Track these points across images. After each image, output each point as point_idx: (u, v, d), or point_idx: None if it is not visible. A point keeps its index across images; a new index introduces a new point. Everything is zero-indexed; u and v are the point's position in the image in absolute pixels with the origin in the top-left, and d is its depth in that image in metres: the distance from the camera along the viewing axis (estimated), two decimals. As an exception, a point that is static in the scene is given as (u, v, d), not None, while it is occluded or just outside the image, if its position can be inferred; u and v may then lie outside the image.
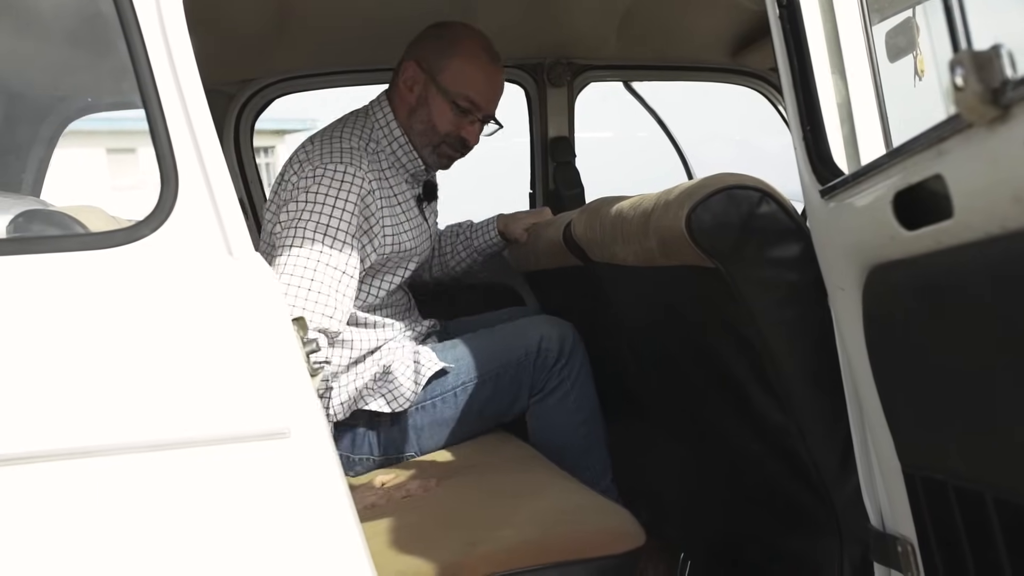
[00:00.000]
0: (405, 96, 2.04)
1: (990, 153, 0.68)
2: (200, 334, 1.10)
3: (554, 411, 2.03)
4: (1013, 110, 0.64)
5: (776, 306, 1.35)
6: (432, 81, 2.02)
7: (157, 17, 1.15)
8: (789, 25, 1.20)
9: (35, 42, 1.71)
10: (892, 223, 0.92)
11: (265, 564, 1.07)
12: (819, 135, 1.18)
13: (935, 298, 0.88)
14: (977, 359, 0.83)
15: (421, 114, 2.03)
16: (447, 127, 2.05)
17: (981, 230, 0.73)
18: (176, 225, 1.13)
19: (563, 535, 1.42)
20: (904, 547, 1.17)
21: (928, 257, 0.86)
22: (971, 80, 0.65)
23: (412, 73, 2.02)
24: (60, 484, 1.03)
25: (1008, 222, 0.69)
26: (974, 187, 0.72)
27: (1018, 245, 0.69)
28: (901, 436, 1.09)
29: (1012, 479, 0.84)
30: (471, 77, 2.04)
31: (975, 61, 0.64)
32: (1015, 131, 0.64)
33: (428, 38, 2.07)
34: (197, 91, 1.16)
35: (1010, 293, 0.73)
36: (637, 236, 1.57)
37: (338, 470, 1.12)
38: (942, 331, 0.89)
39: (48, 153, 2.11)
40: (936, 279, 0.86)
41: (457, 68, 2.03)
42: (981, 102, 0.65)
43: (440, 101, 2.03)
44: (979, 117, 0.66)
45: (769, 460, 1.55)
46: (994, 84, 0.64)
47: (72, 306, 1.08)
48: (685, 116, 3.13)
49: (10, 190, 2.05)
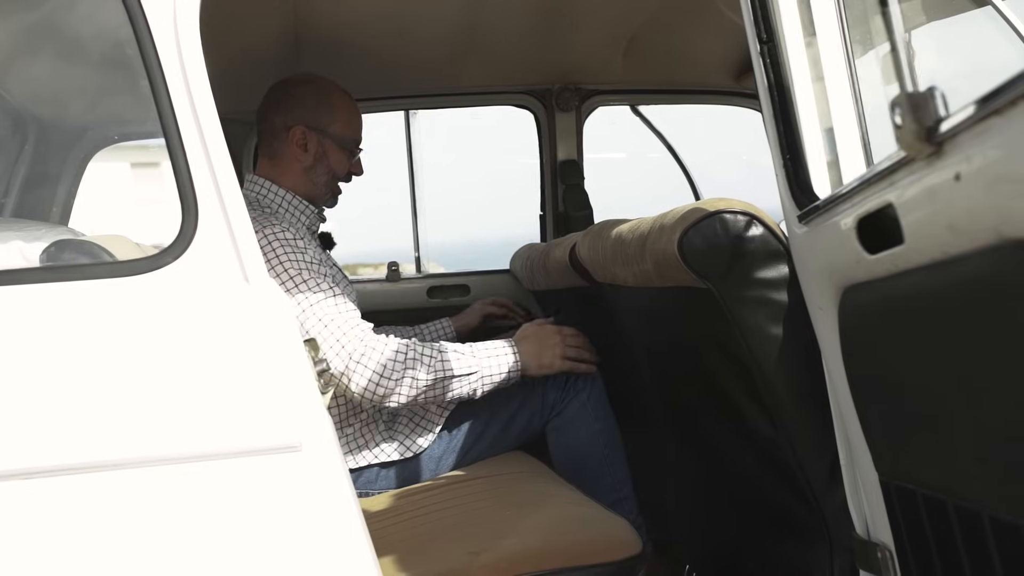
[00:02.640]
0: (299, 157, 2.13)
1: (928, 185, 0.75)
2: (218, 355, 1.18)
3: (574, 422, 2.09)
4: (945, 147, 0.70)
5: (765, 324, 1.41)
6: (325, 136, 2.14)
7: (176, 51, 1.23)
8: (769, 59, 1.27)
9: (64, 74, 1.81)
10: (856, 247, 0.98)
11: (276, 574, 1.14)
12: (799, 162, 1.24)
13: (894, 319, 0.94)
14: (929, 376, 0.89)
15: (320, 168, 2.15)
16: (344, 170, 2.19)
17: (927, 255, 0.80)
18: (196, 254, 1.21)
19: (563, 543, 1.48)
20: (883, 553, 1.23)
21: (886, 280, 0.92)
22: (907, 119, 0.72)
23: (302, 135, 2.12)
24: (85, 496, 1.11)
25: (948, 248, 0.75)
26: (918, 216, 0.79)
27: (958, 270, 0.75)
28: (876, 448, 1.15)
29: (964, 488, 0.90)
30: (354, 122, 2.20)
31: (911, 102, 0.71)
32: (947, 166, 0.70)
33: (300, 99, 2.17)
34: (214, 123, 1.24)
35: (953, 316, 0.79)
36: (635, 258, 1.64)
37: (347, 483, 1.19)
38: (901, 349, 0.95)
39: (76, 181, 2.21)
40: (894, 301, 0.92)
41: (344, 119, 2.17)
42: (917, 139, 0.72)
43: (336, 151, 2.15)
44: (917, 152, 0.73)
45: (762, 472, 1.61)
46: (928, 123, 0.71)
47: (101, 330, 1.17)
48: (695, 137, 3.20)
49: (40, 217, 2.15)
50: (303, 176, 2.13)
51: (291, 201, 2.12)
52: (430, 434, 2.05)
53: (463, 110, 3.03)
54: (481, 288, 2.98)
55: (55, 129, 2.16)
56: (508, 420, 2.10)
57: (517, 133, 2.33)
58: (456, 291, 3.00)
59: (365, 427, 2.04)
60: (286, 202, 2.11)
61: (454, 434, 2.07)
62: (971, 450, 0.85)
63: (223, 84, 2.25)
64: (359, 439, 2.03)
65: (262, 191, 2.11)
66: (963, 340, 0.79)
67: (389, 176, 2.87)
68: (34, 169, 2.09)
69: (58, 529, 1.10)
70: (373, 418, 2.05)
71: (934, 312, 0.83)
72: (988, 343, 0.74)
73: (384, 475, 2.04)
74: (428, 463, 2.05)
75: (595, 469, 2.04)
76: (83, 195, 2.19)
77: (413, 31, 2.44)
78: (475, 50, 2.61)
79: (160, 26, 1.25)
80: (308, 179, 2.14)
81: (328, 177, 2.15)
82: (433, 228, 3.22)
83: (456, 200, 50.30)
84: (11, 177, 2.08)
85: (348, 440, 2.02)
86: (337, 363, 1.80)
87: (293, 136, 2.11)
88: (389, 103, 2.84)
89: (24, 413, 1.11)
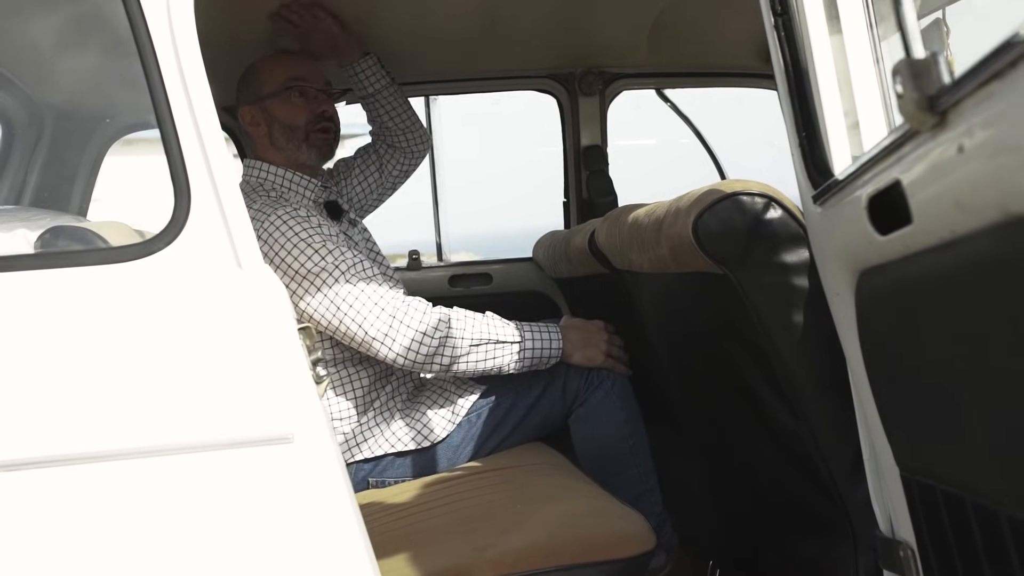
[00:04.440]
0: (260, 135, 2.13)
1: (933, 159, 0.69)
2: (209, 342, 1.15)
3: (597, 413, 2.05)
4: (948, 116, 0.64)
5: (784, 311, 1.35)
6: (261, 99, 2.12)
7: (171, 40, 1.21)
8: (784, 33, 1.21)
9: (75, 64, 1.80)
10: (868, 228, 0.92)
11: (268, 567, 1.11)
12: (815, 141, 1.18)
13: (907, 303, 0.88)
14: (942, 366, 0.83)
15: (278, 128, 2.11)
16: (302, 116, 2.12)
17: (936, 235, 0.74)
18: (189, 239, 1.19)
19: (572, 538, 1.44)
20: (905, 552, 1.17)
21: (899, 263, 0.86)
22: (908, 88, 0.66)
23: (247, 112, 2.13)
24: (72, 487, 1.08)
25: (956, 227, 0.69)
26: (925, 193, 0.73)
27: (966, 251, 0.69)
28: (896, 441, 1.09)
29: (982, 485, 0.84)
30: (278, 67, 2.15)
31: (912, 69, 0.65)
32: (951, 138, 0.64)
33: (238, 89, 2.19)
34: (209, 109, 1.21)
35: (963, 300, 0.73)
36: (651, 243, 1.59)
37: (342, 476, 1.15)
38: (915, 337, 0.89)
39: (95, 171, 2.20)
40: (906, 285, 0.86)
41: (265, 72, 2.14)
42: (919, 109, 0.66)
43: (276, 104, 2.11)
44: (920, 124, 0.67)
45: (783, 465, 1.55)
46: (930, 91, 0.65)
47: (91, 317, 1.14)
48: (723, 122, 3.14)
49: (58, 208, 2.15)
50: (273, 149, 2.12)
51: (291, 178, 2.10)
52: (448, 423, 2.01)
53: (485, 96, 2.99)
54: (503, 276, 2.94)
55: (70, 119, 2.15)
56: (528, 409, 2.05)
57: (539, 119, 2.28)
58: (478, 279, 2.95)
59: (381, 415, 2.01)
60: (287, 180, 2.10)
61: (473, 423, 2.03)
62: (986, 445, 0.79)
63: (237, 73, 2.24)
64: (375, 427, 2.00)
65: (261, 173, 2.10)
66: (974, 326, 0.73)
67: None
68: (49, 159, 2.09)
69: (43, 520, 1.08)
70: (390, 407, 2.02)
71: (945, 296, 0.77)
72: (999, 330, 0.68)
73: (400, 464, 2.01)
74: (445, 452, 2.02)
75: (620, 461, 2.00)
76: (101, 183, 2.19)
77: (432, 14, 2.40)
78: (496, 34, 2.56)
79: (153, 10, 1.22)
80: (277, 148, 2.12)
81: (288, 133, 2.11)
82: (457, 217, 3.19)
83: (478, 185, 50.03)
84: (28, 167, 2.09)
85: (364, 429, 1.99)
86: (380, 324, 1.79)
87: (243, 119, 2.13)
88: (409, 89, 2.80)
89: (9, 403, 1.09)
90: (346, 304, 1.82)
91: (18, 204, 2.10)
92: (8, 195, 2.10)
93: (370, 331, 1.80)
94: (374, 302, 1.81)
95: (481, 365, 1.88)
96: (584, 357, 1.99)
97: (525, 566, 1.37)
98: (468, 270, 2.97)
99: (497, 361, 1.89)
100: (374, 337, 1.80)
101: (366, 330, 1.81)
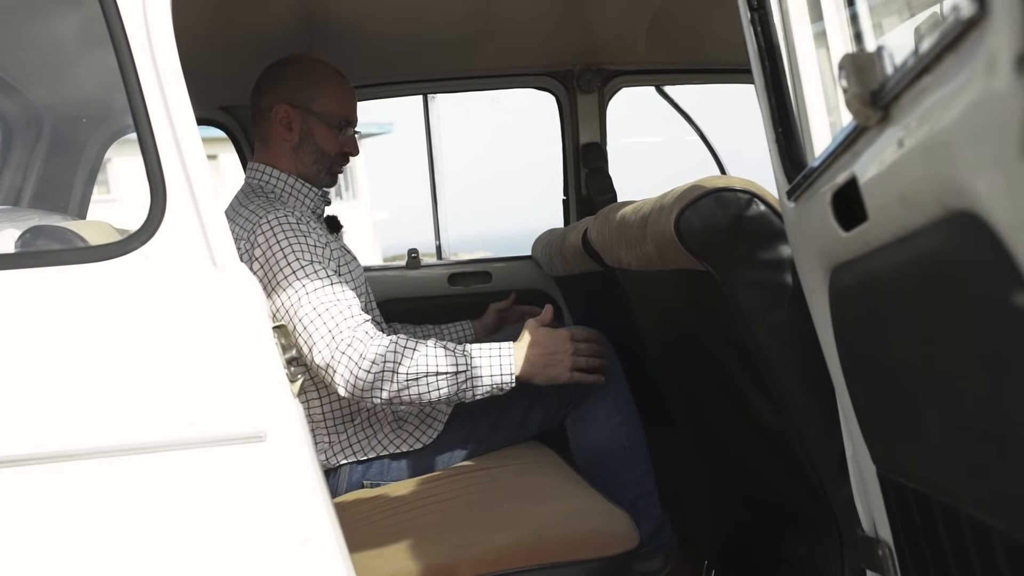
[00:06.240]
0: (285, 137, 2.10)
1: (881, 155, 0.68)
2: (182, 340, 1.15)
3: (594, 413, 2.03)
4: (891, 111, 0.64)
5: (768, 308, 1.34)
6: (309, 113, 2.09)
7: (146, 35, 1.21)
8: (760, 28, 1.20)
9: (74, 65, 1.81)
10: (833, 224, 0.91)
11: (240, 564, 1.12)
12: (791, 136, 1.17)
13: (872, 301, 0.87)
14: (904, 364, 0.82)
15: (307, 146, 2.10)
16: (334, 148, 2.13)
17: (890, 232, 0.73)
18: (164, 238, 1.19)
19: (555, 537, 1.43)
20: (884, 551, 1.15)
21: (862, 259, 0.85)
22: (852, 82, 0.65)
23: (286, 113, 2.09)
24: (47, 485, 1.09)
25: (906, 223, 0.68)
26: (875, 188, 0.72)
27: (913, 247, 0.68)
28: (870, 439, 1.08)
29: (943, 483, 0.83)
30: (340, 98, 2.15)
31: (855, 64, 0.65)
32: (894, 132, 0.64)
33: (282, 78, 2.13)
34: (185, 109, 1.22)
35: (917, 298, 0.72)
36: (638, 241, 1.58)
37: (316, 475, 1.15)
38: (881, 335, 0.88)
39: (94, 172, 2.21)
40: (869, 281, 0.85)
41: (328, 94, 2.12)
42: (863, 104, 0.65)
43: (322, 128, 2.10)
44: (866, 119, 0.66)
45: (770, 463, 1.54)
46: (873, 86, 0.64)
47: (65, 315, 1.15)
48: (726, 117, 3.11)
49: (58, 208, 2.16)
50: (292, 156, 2.10)
51: (293, 184, 2.09)
52: (439, 425, 2.00)
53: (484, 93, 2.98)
54: (503, 275, 2.93)
55: (68, 120, 2.16)
56: (523, 412, 2.04)
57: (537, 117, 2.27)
58: (477, 278, 2.94)
59: (373, 417, 2.01)
60: (288, 185, 2.09)
61: (467, 427, 2.02)
62: (941, 443, 0.78)
63: (235, 72, 2.25)
64: (367, 429, 2.00)
65: (263, 177, 2.09)
66: (926, 325, 0.72)
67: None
68: (48, 160, 2.10)
69: (14, 516, 1.08)
70: (382, 408, 2.02)
71: (900, 293, 0.76)
72: (945, 329, 0.67)
73: (395, 466, 2.00)
74: (441, 454, 2.01)
75: (617, 463, 1.98)
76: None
77: (429, 11, 2.40)
78: (494, 31, 2.56)
79: (129, 10, 1.23)
80: (297, 159, 2.10)
81: (317, 155, 2.11)
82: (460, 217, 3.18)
83: (480, 185, 49.80)
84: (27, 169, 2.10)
85: (356, 430, 1.99)
86: (325, 353, 1.75)
87: (276, 115, 2.08)
88: (406, 87, 2.80)
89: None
90: (301, 325, 1.78)
91: (16, 205, 2.12)
92: (7, 196, 2.11)
93: (316, 358, 1.76)
94: (328, 329, 1.76)
95: (426, 397, 1.78)
96: (546, 378, 1.87)
97: (507, 564, 1.37)
98: (468, 268, 2.97)
99: (443, 392, 1.78)
100: (319, 364, 1.76)
101: (313, 356, 1.77)
